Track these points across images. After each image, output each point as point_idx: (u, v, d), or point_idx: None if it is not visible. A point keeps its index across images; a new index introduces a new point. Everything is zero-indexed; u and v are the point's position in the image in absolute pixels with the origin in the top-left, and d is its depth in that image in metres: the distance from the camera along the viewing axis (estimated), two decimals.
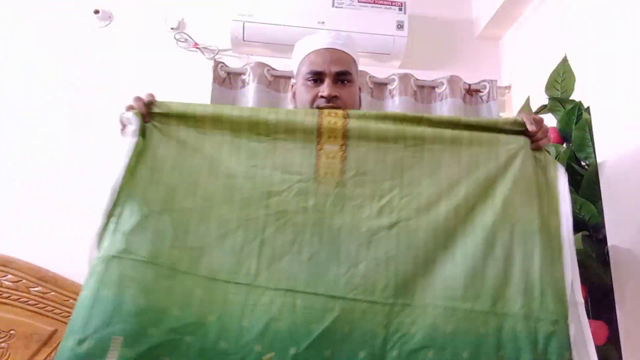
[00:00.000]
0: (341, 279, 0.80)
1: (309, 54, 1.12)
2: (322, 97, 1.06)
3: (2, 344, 1.58)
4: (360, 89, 1.17)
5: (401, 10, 2.06)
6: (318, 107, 1.04)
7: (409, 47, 2.08)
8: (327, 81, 1.07)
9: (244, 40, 2.02)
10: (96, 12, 2.04)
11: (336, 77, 1.08)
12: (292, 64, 1.20)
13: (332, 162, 0.87)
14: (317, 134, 0.87)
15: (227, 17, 2.00)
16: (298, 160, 0.87)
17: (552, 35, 1.83)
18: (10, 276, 1.65)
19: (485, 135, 0.89)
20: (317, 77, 1.09)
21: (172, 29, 2.08)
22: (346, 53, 1.12)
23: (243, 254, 0.81)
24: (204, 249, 0.80)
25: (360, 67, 2.02)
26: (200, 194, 0.84)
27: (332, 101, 1.05)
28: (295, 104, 1.16)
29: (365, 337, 0.76)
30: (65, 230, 1.78)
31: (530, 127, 0.91)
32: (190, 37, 2.07)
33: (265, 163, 0.86)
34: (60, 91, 1.97)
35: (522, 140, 0.91)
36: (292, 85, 1.21)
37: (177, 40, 2.07)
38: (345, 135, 0.88)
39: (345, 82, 1.09)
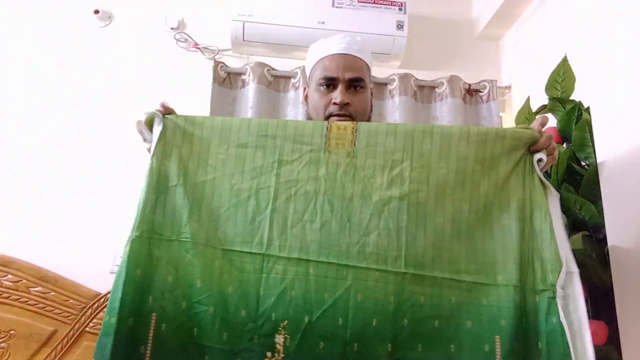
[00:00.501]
0: (353, 247, 0.81)
1: (323, 58, 1.12)
2: (335, 103, 1.07)
3: (2, 344, 1.58)
4: (372, 93, 1.18)
5: (401, 10, 2.06)
6: (330, 115, 1.07)
7: (409, 47, 2.08)
8: (340, 87, 1.08)
9: (244, 40, 2.02)
10: (96, 12, 2.04)
11: (349, 83, 1.09)
12: (305, 66, 1.21)
13: (343, 133, 0.88)
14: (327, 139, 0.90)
15: (227, 17, 2.00)
16: (309, 132, 0.88)
17: (552, 35, 1.83)
18: (10, 276, 1.65)
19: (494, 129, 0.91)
20: (330, 83, 1.09)
21: (172, 29, 2.08)
22: (360, 59, 1.12)
23: (255, 224, 0.83)
24: (218, 221, 0.83)
25: None
26: (212, 165, 0.86)
27: (344, 108, 1.07)
28: (308, 107, 1.18)
29: (377, 305, 0.78)
30: (65, 230, 1.78)
31: (541, 144, 0.89)
32: (190, 37, 2.07)
33: (276, 133, 0.88)
34: (61, 91, 1.97)
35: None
36: (305, 88, 1.22)
37: (177, 40, 2.07)
38: (355, 129, 0.90)
39: (358, 88, 1.10)
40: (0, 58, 1.99)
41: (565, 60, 1.37)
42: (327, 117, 1.08)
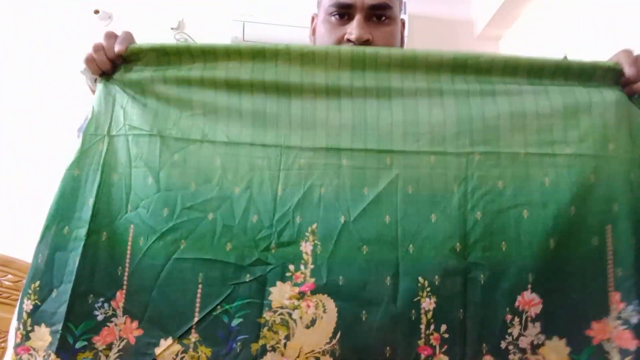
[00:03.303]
0: (397, 128, 0.63)
1: None
2: (349, 40, 0.78)
3: (2, 344, 1.58)
4: (404, 24, 0.90)
5: (401, 10, 2.06)
6: None
7: (409, 47, 2.08)
8: (357, 18, 0.78)
9: (244, 40, 2.02)
10: (96, 12, 2.04)
11: (370, 12, 0.79)
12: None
13: None
14: None
15: (227, 17, 2.00)
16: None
17: (552, 35, 1.83)
18: (10, 276, 1.65)
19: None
20: (344, 12, 0.79)
21: (172, 29, 2.08)
22: None
23: (267, 110, 0.65)
24: (218, 113, 0.66)
25: None
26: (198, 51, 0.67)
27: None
28: (314, 44, 0.88)
29: (436, 197, 0.61)
30: None
31: (629, 71, 0.64)
32: (190, 37, 2.07)
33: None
34: (61, 91, 1.96)
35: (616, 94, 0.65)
36: (313, 18, 0.92)
37: (177, 40, 2.07)
38: None
39: (384, 18, 0.81)
40: (0, 58, 1.98)
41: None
42: None
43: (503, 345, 0.57)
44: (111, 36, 0.75)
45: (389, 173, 0.62)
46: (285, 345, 0.58)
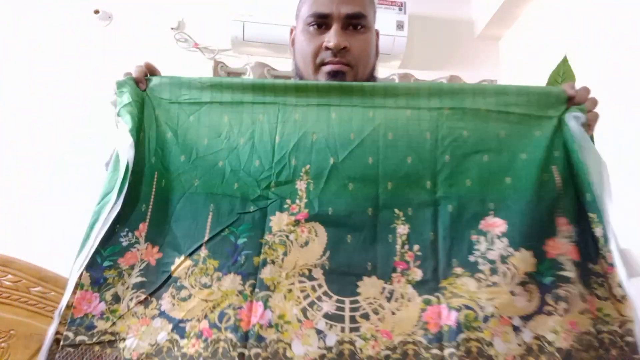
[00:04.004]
0: (379, 91, 0.76)
1: None
2: (327, 48, 0.84)
3: (2, 344, 1.58)
4: (378, 33, 0.97)
5: (401, 10, 2.06)
6: (322, 63, 0.86)
7: (409, 47, 2.08)
8: (334, 27, 0.84)
9: (244, 40, 2.02)
10: (96, 12, 2.04)
11: (346, 21, 0.85)
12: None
13: None
14: None
15: (227, 17, 2.00)
16: None
17: (552, 35, 1.83)
18: (10, 276, 1.65)
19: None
20: (321, 22, 0.85)
21: (172, 29, 2.08)
22: None
23: (265, 83, 0.78)
24: (223, 84, 0.79)
25: None
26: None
27: (340, 54, 0.84)
28: (294, 55, 0.95)
29: (412, 142, 0.73)
30: (65, 230, 1.78)
31: (571, 91, 0.77)
32: (190, 37, 2.07)
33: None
34: (61, 91, 1.97)
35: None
36: (292, 30, 0.98)
37: (177, 40, 2.07)
38: None
39: (359, 27, 0.86)
40: (0, 58, 1.99)
41: (565, 60, 1.36)
42: (318, 67, 0.86)
43: (472, 259, 0.68)
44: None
45: (372, 123, 0.74)
46: (283, 259, 0.69)
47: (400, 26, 2.03)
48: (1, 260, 1.63)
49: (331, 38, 0.83)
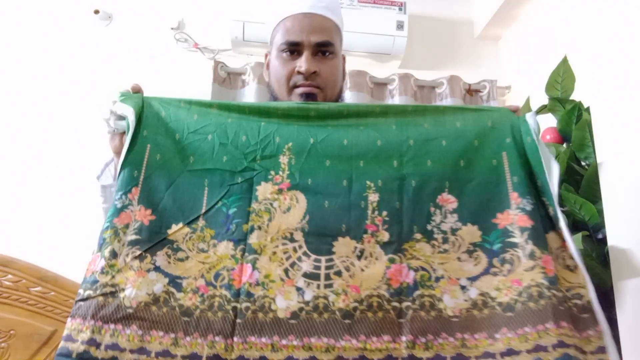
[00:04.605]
0: (352, 110, 0.88)
1: (285, 19, 0.96)
2: (299, 72, 0.94)
3: (2, 344, 1.58)
4: (344, 58, 1.06)
5: (401, 10, 2.06)
6: (295, 86, 0.95)
7: (409, 47, 2.08)
8: (305, 54, 0.94)
9: (244, 40, 2.02)
10: (96, 12, 2.04)
11: (316, 48, 0.95)
12: (264, 35, 1.08)
13: None
14: None
15: (227, 17, 2.00)
16: None
17: (552, 35, 1.83)
18: (10, 276, 1.65)
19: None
20: (293, 49, 0.95)
21: (172, 29, 2.08)
22: (328, 19, 0.97)
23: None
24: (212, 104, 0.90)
25: (360, 67, 2.04)
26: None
27: (311, 78, 0.94)
28: (269, 78, 1.03)
29: (381, 130, 0.85)
30: (65, 230, 1.78)
31: (513, 107, 0.90)
32: (190, 37, 2.07)
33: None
34: (60, 91, 1.97)
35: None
36: (266, 55, 1.06)
37: (177, 40, 2.08)
38: None
39: (327, 54, 0.96)
40: (0, 58, 1.99)
41: (565, 60, 1.37)
42: (291, 89, 0.96)
43: (429, 227, 0.80)
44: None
45: (346, 119, 0.86)
46: (268, 225, 0.78)
47: (400, 26, 2.03)
48: (1, 260, 1.63)
49: (302, 64, 0.94)
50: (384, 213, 0.79)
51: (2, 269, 1.63)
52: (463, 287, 0.75)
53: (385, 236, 0.78)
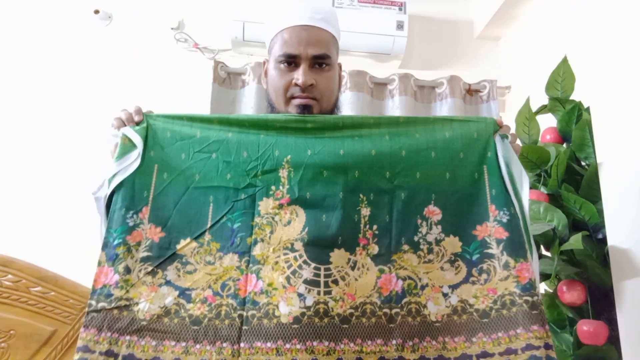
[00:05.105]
0: (346, 122, 0.92)
1: (283, 31, 0.97)
2: (296, 84, 0.95)
3: (2, 344, 1.58)
4: (340, 67, 1.08)
5: (401, 10, 2.06)
6: (292, 97, 0.97)
7: (409, 47, 2.08)
8: (302, 66, 0.95)
9: (244, 40, 2.02)
10: (96, 12, 2.04)
11: (313, 61, 0.96)
12: (264, 36, 1.08)
13: None
14: None
15: (227, 17, 2.00)
16: None
17: (552, 35, 1.83)
18: (10, 276, 1.65)
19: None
20: (291, 61, 0.96)
21: (172, 29, 2.08)
22: (325, 31, 0.98)
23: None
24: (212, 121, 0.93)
25: (360, 67, 2.04)
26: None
27: (308, 90, 0.95)
28: (267, 86, 1.05)
29: (375, 140, 0.89)
30: (65, 230, 1.78)
31: (500, 121, 0.93)
32: (190, 37, 2.07)
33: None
34: (60, 91, 1.97)
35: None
36: (264, 63, 1.07)
37: (177, 40, 2.07)
38: None
39: (324, 66, 0.97)
40: (0, 58, 1.99)
41: (565, 60, 1.37)
42: (288, 100, 0.97)
43: (416, 239, 0.85)
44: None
45: (341, 130, 0.90)
46: (270, 237, 0.84)
47: (400, 26, 2.03)
48: (1, 260, 1.62)
49: (300, 76, 0.95)
50: (375, 227, 0.85)
51: (2, 269, 1.63)
52: (445, 295, 0.82)
53: (375, 249, 0.84)
